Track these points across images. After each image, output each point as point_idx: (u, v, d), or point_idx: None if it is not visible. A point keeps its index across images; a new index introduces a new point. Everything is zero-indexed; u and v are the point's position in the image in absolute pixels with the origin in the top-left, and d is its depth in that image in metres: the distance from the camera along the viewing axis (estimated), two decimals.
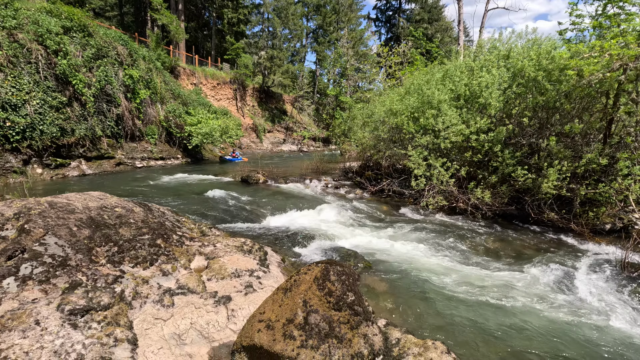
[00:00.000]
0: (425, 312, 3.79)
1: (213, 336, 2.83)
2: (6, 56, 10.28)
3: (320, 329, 2.23)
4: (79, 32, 12.83)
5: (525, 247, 6.13)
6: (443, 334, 3.36)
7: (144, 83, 15.83)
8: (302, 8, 42.97)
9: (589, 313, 3.89)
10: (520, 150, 7.45)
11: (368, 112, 12.74)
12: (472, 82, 8.43)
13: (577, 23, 7.67)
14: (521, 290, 4.35)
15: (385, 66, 20.91)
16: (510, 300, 4.07)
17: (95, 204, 4.05)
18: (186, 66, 26.79)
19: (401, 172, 10.42)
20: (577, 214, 6.90)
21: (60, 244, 3.13)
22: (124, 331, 2.56)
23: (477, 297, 4.11)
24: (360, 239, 6.18)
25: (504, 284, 4.51)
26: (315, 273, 2.55)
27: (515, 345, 3.24)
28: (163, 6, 24.21)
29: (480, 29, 19.11)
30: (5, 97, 9.98)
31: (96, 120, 12.98)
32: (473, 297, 4.10)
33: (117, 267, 3.24)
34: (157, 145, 16.55)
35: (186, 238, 4.36)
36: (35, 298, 2.57)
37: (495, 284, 4.49)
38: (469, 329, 3.47)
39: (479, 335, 3.39)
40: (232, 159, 19.77)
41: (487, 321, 3.61)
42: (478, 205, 7.78)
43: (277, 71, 33.51)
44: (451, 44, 40.46)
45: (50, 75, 11.40)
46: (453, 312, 3.78)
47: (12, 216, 3.25)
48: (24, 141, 10.45)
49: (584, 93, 6.80)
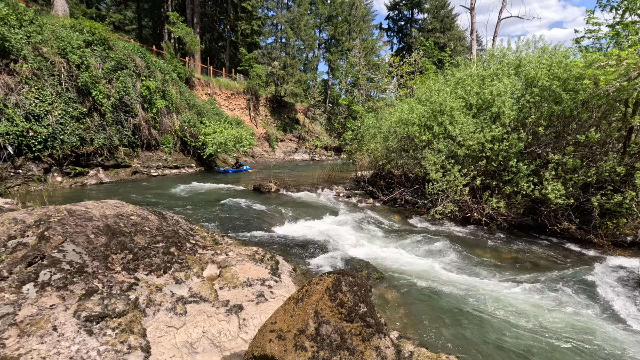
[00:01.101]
0: (439, 325, 3.71)
1: (224, 345, 2.84)
2: (31, 69, 10.72)
3: (331, 341, 2.22)
4: (100, 46, 13.31)
5: (542, 259, 5.97)
6: (457, 349, 3.29)
7: (161, 94, 16.24)
8: (314, 19, 43.60)
9: (608, 328, 3.74)
10: (536, 161, 7.31)
11: (378, 123, 12.74)
12: (483, 91, 8.37)
13: (594, 31, 7.56)
14: (538, 305, 4.22)
15: (397, 76, 20.95)
16: (527, 315, 3.95)
17: (111, 212, 4.14)
18: (201, 77, 27.39)
19: (413, 181, 10.33)
20: (597, 225, 6.69)
21: (78, 250, 3.21)
22: (137, 339, 2.59)
23: (492, 311, 4.01)
24: (372, 249, 6.13)
25: (520, 298, 4.39)
26: (326, 283, 2.54)
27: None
28: (179, 20, 24.95)
29: (493, 37, 19.02)
30: (29, 107, 10.39)
31: (114, 130, 13.35)
32: (488, 311, 4.00)
33: (132, 275, 3.30)
34: (172, 154, 16.87)
35: (199, 246, 4.41)
36: (53, 304, 2.63)
37: (511, 298, 4.38)
38: (483, 344, 3.38)
39: (495, 351, 3.30)
40: (235, 169, 18.55)
41: (503, 336, 3.52)
42: (493, 215, 7.64)
43: (290, 80, 33.93)
44: (464, 52, 40.31)
45: (71, 87, 11.82)
46: (467, 326, 3.70)
47: (33, 223, 3.35)
48: (45, 150, 10.81)
49: (601, 101, 6.66)
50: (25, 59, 10.70)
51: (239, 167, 18.91)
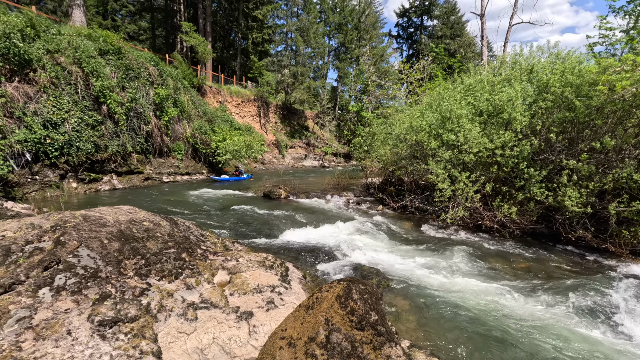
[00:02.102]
0: (451, 334, 3.65)
1: (235, 352, 2.84)
2: (49, 78, 11.06)
3: (342, 349, 2.20)
4: (114, 55, 13.67)
5: (557, 269, 5.83)
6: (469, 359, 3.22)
7: (173, 101, 16.55)
8: (324, 27, 44.05)
9: (627, 340, 3.63)
10: (547, 168, 7.18)
11: (388, 129, 12.72)
12: (494, 97, 8.29)
13: (607, 36, 7.46)
14: (553, 315, 4.12)
15: (407, 82, 20.94)
16: (542, 328, 3.86)
17: (125, 218, 4.21)
18: (212, 84, 27.83)
19: (424, 188, 10.25)
20: (614, 233, 6.53)
21: (92, 256, 3.27)
22: (149, 344, 2.61)
23: (505, 322, 3.93)
24: (382, 256, 6.08)
25: (535, 310, 4.30)
26: (337, 291, 2.53)
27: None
28: (192, 29, 25.48)
29: (504, 43, 18.90)
30: (47, 115, 10.69)
31: (127, 137, 13.63)
32: (501, 323, 3.92)
33: (144, 280, 3.34)
34: (183, 161, 17.11)
35: (210, 252, 4.44)
36: (68, 308, 2.68)
37: (526, 310, 4.28)
38: (497, 355, 3.31)
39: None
40: (235, 178, 17.43)
41: (517, 348, 3.44)
42: (505, 222, 7.51)
43: (299, 87, 34.22)
44: (474, 59, 40.09)
45: (87, 95, 12.14)
46: (480, 337, 3.62)
47: (49, 228, 3.43)
48: (61, 157, 11.09)
49: (617, 107, 6.54)
50: (44, 68, 11.04)
51: (238, 175, 17.93)
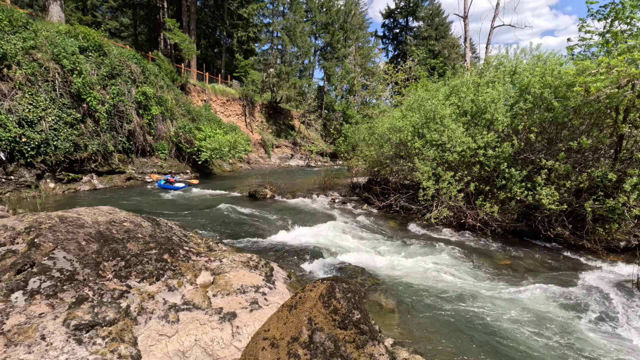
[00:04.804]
0: (434, 331, 3.69)
1: (217, 354, 2.80)
2: (25, 75, 10.66)
3: (325, 348, 2.20)
4: (95, 52, 13.28)
5: (536, 265, 5.99)
6: (452, 356, 3.27)
7: (156, 100, 16.21)
8: (310, 26, 43.94)
9: (602, 332, 3.75)
10: (528, 167, 7.36)
11: (372, 129, 12.80)
12: (478, 97, 8.45)
13: (586, 39, 7.70)
14: (533, 310, 4.23)
15: (392, 82, 21.13)
16: (522, 321, 3.95)
17: (104, 219, 4.10)
18: (197, 83, 27.38)
19: (409, 187, 10.36)
20: (590, 230, 6.74)
21: (68, 258, 3.17)
22: (128, 347, 2.54)
23: (487, 318, 4.01)
24: (367, 255, 6.11)
25: (515, 304, 4.40)
26: (320, 290, 2.52)
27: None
28: (176, 26, 25.01)
29: (486, 45, 19.27)
30: (23, 113, 10.30)
31: (108, 136, 13.27)
32: (484, 318, 3.99)
33: (124, 282, 3.25)
34: (167, 161, 16.78)
35: (193, 253, 4.37)
36: (42, 312, 2.58)
37: (506, 304, 4.38)
38: (479, 352, 3.37)
39: (491, 357, 3.28)
40: (167, 186, 12.94)
41: (498, 343, 3.51)
42: (487, 221, 7.67)
43: (285, 85, 34.05)
44: (458, 59, 40.80)
45: (65, 93, 11.75)
46: (463, 333, 3.68)
47: (23, 230, 3.31)
48: (38, 156, 10.70)
49: (593, 108, 6.75)
50: (19, 64, 10.64)
51: (171, 184, 13.13)
